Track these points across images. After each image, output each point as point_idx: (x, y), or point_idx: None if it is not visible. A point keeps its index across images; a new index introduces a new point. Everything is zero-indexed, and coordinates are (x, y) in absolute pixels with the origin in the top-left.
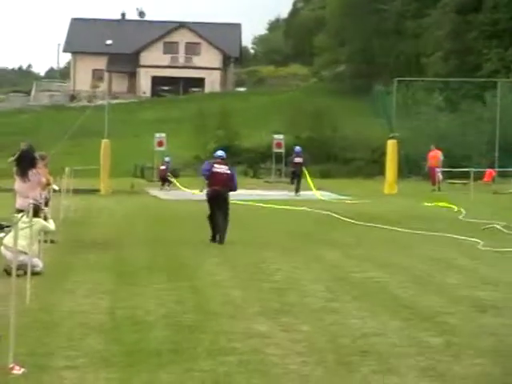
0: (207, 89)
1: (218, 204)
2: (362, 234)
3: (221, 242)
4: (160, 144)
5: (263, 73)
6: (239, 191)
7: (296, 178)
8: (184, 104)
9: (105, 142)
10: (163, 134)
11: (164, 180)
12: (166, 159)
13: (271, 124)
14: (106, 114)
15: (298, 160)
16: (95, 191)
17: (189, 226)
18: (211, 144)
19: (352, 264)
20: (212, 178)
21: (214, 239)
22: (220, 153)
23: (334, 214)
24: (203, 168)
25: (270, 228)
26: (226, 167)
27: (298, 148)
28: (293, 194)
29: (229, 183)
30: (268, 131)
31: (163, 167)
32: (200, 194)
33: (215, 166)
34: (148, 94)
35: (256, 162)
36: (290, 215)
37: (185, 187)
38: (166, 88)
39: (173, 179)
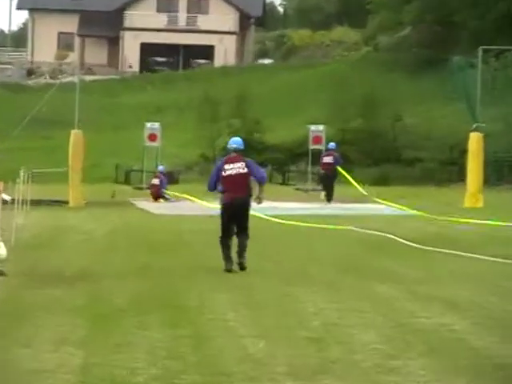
0: (218, 61)
1: (234, 216)
2: (431, 263)
3: (241, 265)
4: (152, 138)
5: (296, 39)
6: (262, 204)
7: (327, 182)
8: (185, 83)
9: (75, 133)
10: (156, 125)
11: (157, 198)
12: (160, 168)
13: (307, 111)
14: (76, 95)
15: (327, 160)
16: (63, 203)
17: (191, 251)
18: (223, 138)
19: (417, 306)
20: (225, 184)
21: (228, 265)
22: (235, 142)
23: (391, 236)
24: (210, 179)
25: (302, 254)
26: (241, 163)
27: (331, 144)
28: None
29: (247, 186)
30: (302, 121)
31: (156, 181)
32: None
33: (225, 166)
34: (136, 68)
35: (285, 164)
36: (331, 236)
37: (197, 199)
38: (160, 60)
39: (172, 195)
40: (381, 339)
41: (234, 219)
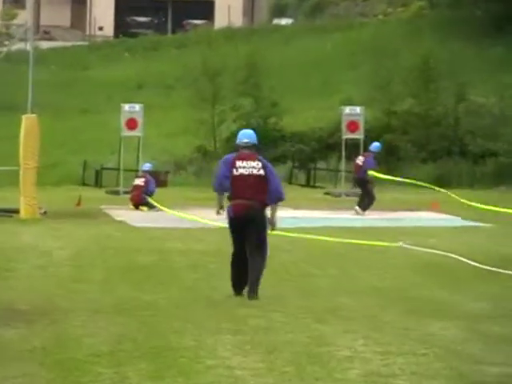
0: (219, 22)
1: (244, 231)
2: (503, 292)
3: (250, 294)
4: (131, 125)
5: None
6: (280, 212)
7: (361, 188)
8: (176, 51)
9: (28, 119)
10: (137, 107)
11: (139, 206)
12: (146, 166)
13: (339, 88)
14: (30, 68)
15: (357, 160)
16: (11, 213)
17: (182, 280)
18: (227, 125)
19: (484, 349)
20: (234, 186)
21: (237, 290)
22: (246, 136)
23: (452, 255)
24: (218, 174)
25: (334, 280)
26: (256, 163)
27: (375, 145)
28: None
29: (263, 191)
30: (333, 101)
31: (140, 182)
32: (221, 217)
33: (237, 163)
34: (109, 31)
35: (311, 159)
36: (372, 257)
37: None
38: (142, 20)
39: (157, 205)
40: None
41: (243, 233)
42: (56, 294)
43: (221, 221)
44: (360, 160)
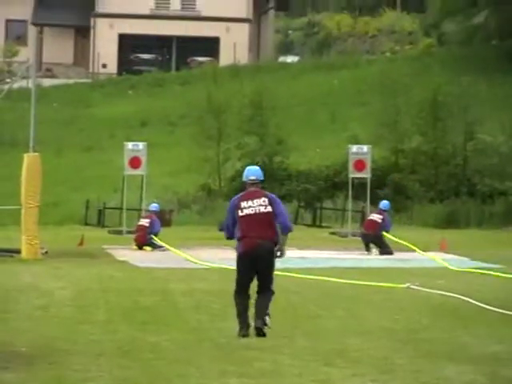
0: (224, 59)
1: (254, 269)
2: None
3: (258, 330)
4: (135, 163)
5: (330, 28)
6: (286, 252)
7: (376, 244)
8: (180, 88)
9: (30, 158)
10: (140, 145)
11: (143, 245)
12: (153, 207)
13: (346, 126)
14: (32, 105)
15: (374, 217)
16: (12, 252)
17: (187, 322)
18: (232, 163)
19: None
20: (241, 227)
21: (243, 330)
22: (253, 173)
23: (462, 297)
24: (226, 221)
25: (343, 321)
26: (263, 199)
27: (384, 203)
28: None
29: (272, 228)
30: (340, 140)
31: (145, 222)
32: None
33: (241, 204)
34: (113, 68)
35: (317, 198)
36: (381, 298)
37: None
38: (146, 57)
39: (164, 245)
40: None
41: (254, 273)
42: (57, 335)
43: (220, 262)
44: (377, 217)
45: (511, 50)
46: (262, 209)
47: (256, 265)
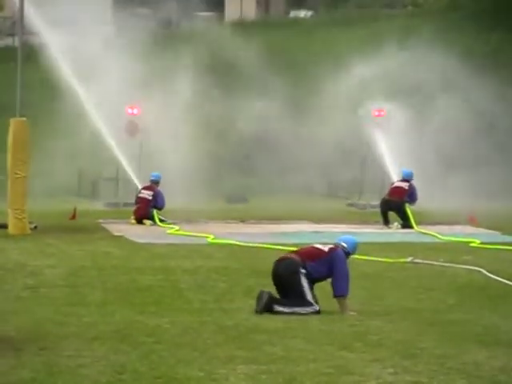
0: (230, 14)
1: None
2: None
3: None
4: (131, 129)
5: None
6: (294, 226)
7: (385, 208)
8: (183, 45)
9: (17, 123)
10: (135, 110)
11: (142, 219)
12: (154, 176)
13: (365, 86)
14: (18, 65)
15: (400, 184)
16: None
17: (191, 300)
18: (239, 128)
19: None
20: None
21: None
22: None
23: (497, 277)
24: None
25: (361, 301)
26: None
27: (406, 172)
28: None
29: None
30: (357, 100)
31: (147, 195)
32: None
33: None
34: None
35: (332, 166)
36: (403, 275)
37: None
38: (141, 11)
39: (166, 224)
40: None
41: None
42: (48, 318)
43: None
44: (404, 184)
45: None
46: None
47: None
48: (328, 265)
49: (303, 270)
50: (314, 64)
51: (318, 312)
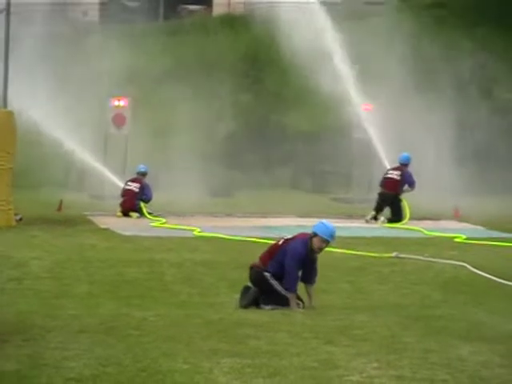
0: (218, 8)
1: None
2: None
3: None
4: (119, 120)
5: None
6: (279, 220)
7: (382, 203)
8: (169, 39)
9: (3, 113)
10: (122, 102)
11: (129, 211)
12: (142, 168)
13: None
14: (5, 55)
15: (392, 174)
16: None
17: (177, 293)
18: (225, 124)
19: None
20: None
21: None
22: (334, 235)
23: (477, 271)
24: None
25: (345, 296)
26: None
27: (404, 155)
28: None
29: None
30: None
31: (134, 187)
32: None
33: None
34: (94, 15)
35: (317, 161)
36: (388, 270)
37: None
38: (130, 4)
39: (154, 217)
40: None
41: None
42: (32, 310)
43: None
44: (395, 174)
45: None
46: None
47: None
48: (282, 257)
49: (267, 274)
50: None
51: (303, 308)
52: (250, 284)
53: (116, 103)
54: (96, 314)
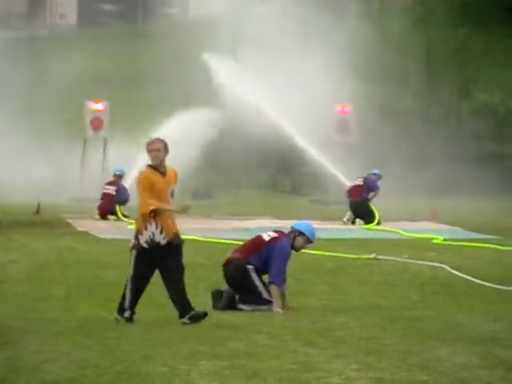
0: (194, 9)
1: None
2: None
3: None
4: (96, 124)
5: None
6: (257, 221)
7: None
8: (148, 42)
9: None
10: (100, 106)
11: (106, 214)
12: (118, 171)
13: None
14: None
15: (357, 182)
16: None
17: (154, 296)
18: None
19: (500, 377)
20: None
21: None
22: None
23: (455, 272)
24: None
25: (324, 298)
26: None
27: (374, 170)
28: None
29: None
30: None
31: (110, 190)
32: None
33: None
34: (72, 19)
35: (292, 164)
36: (367, 271)
37: None
38: (107, 8)
39: (127, 218)
40: None
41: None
42: (10, 313)
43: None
44: (359, 180)
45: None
46: None
47: None
48: (268, 254)
49: (250, 266)
50: None
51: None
52: (219, 288)
53: (94, 106)
54: (74, 317)
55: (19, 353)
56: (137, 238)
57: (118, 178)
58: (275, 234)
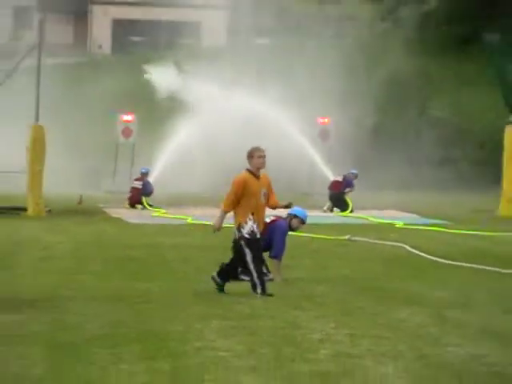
0: (206, 40)
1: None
2: (462, 282)
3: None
4: (126, 133)
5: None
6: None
7: (338, 202)
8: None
9: (36, 128)
10: (129, 117)
11: (135, 204)
12: (144, 169)
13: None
14: (37, 80)
15: (337, 177)
16: (19, 210)
17: (174, 272)
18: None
19: (445, 333)
20: None
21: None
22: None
23: (409, 248)
24: None
25: (309, 271)
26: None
27: (352, 170)
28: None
29: None
30: (305, 112)
31: (138, 184)
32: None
33: None
34: (107, 48)
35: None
36: (343, 250)
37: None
38: (136, 39)
39: (155, 208)
40: (401, 373)
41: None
42: (57, 284)
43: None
44: (339, 177)
45: (459, 35)
46: None
47: None
48: (269, 234)
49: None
50: None
51: (272, 280)
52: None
53: (125, 118)
54: (108, 287)
55: (64, 315)
56: (239, 230)
57: (144, 175)
58: (274, 218)
